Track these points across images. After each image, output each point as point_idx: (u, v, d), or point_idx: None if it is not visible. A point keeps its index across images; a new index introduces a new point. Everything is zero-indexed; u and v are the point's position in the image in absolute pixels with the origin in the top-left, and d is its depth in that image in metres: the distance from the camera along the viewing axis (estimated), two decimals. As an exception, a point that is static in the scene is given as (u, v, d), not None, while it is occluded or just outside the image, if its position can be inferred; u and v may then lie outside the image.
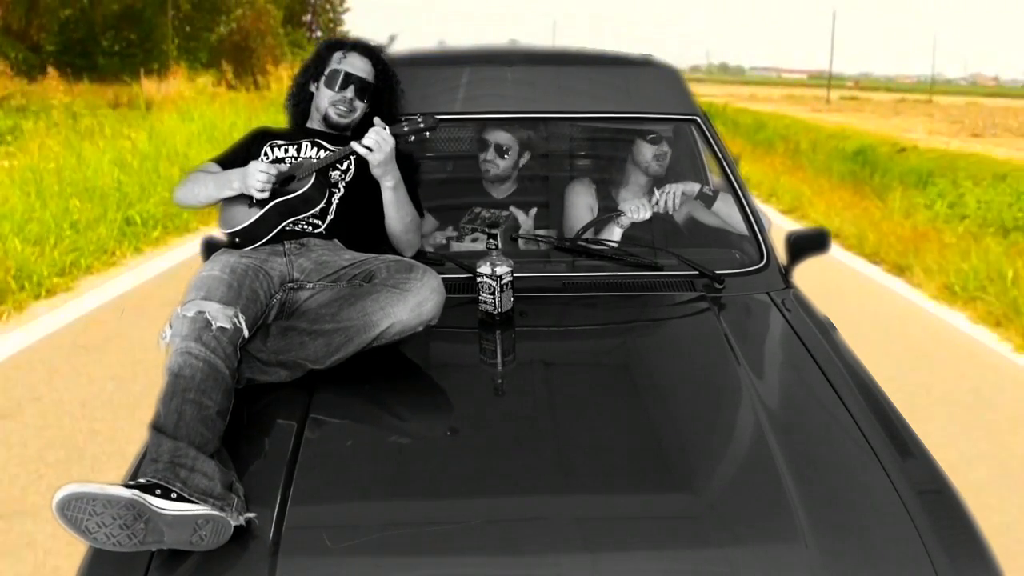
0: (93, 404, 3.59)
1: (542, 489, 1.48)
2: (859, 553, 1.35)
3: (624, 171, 2.69)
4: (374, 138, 2.00)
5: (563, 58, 2.84)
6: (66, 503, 1.31)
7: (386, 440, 1.71)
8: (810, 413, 1.76)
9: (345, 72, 2.21)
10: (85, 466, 3.11)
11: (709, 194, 2.49)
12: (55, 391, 3.75)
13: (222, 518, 1.35)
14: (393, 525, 1.41)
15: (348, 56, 2.24)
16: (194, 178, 2.13)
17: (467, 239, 2.50)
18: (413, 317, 1.81)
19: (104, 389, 3.74)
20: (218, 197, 2.05)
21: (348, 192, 2.12)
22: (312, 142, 2.18)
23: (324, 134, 2.22)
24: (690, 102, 2.60)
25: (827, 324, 2.10)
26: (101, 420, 3.45)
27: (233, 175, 2.04)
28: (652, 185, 2.64)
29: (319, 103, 2.23)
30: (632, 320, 2.19)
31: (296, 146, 2.17)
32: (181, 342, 1.62)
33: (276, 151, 2.17)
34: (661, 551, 1.36)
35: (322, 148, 2.17)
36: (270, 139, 2.21)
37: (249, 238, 2.02)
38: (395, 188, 2.07)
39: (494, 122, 2.57)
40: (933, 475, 1.53)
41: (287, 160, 2.14)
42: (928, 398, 3.91)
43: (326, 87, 2.21)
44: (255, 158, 2.14)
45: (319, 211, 2.06)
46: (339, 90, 2.20)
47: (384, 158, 2.01)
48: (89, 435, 3.34)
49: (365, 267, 1.94)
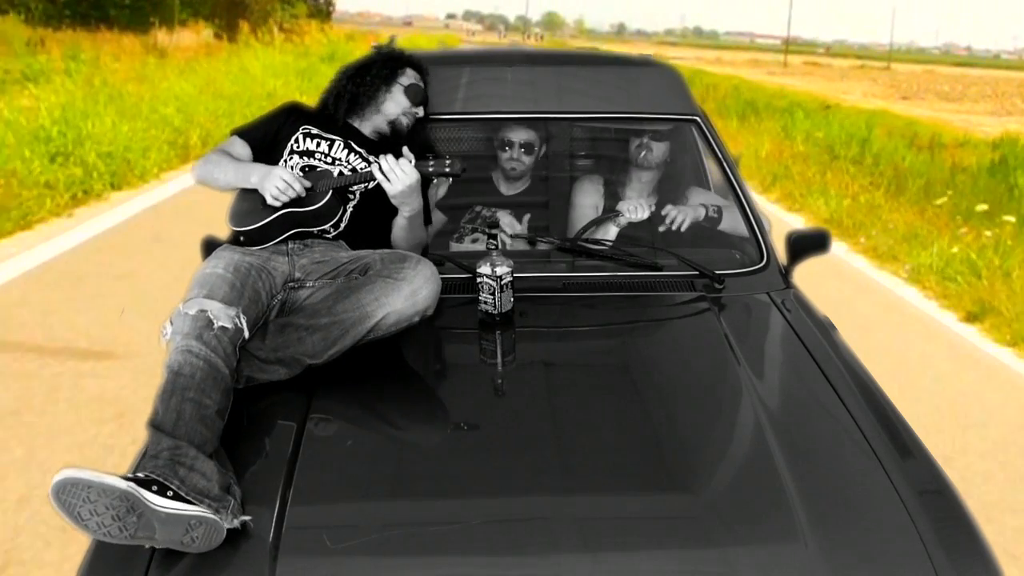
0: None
1: (542, 489, 1.48)
2: (859, 553, 1.35)
3: (627, 171, 2.69)
4: (397, 171, 1.98)
5: (563, 58, 2.85)
6: (62, 487, 1.32)
7: (386, 440, 1.71)
8: (810, 413, 1.76)
9: (424, 91, 2.27)
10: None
11: (714, 216, 2.48)
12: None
13: (215, 521, 1.35)
14: (393, 525, 1.41)
15: (423, 78, 2.31)
16: (216, 159, 2.12)
17: (467, 239, 2.50)
18: (408, 306, 1.81)
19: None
20: (235, 185, 2.06)
21: (363, 202, 2.12)
22: (346, 143, 2.18)
23: (362, 139, 2.22)
24: (690, 102, 2.60)
25: (827, 324, 2.09)
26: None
27: (254, 170, 2.05)
28: (656, 183, 2.64)
29: (389, 108, 2.22)
30: (632, 320, 2.19)
31: (329, 143, 2.17)
32: (182, 340, 1.62)
33: (307, 141, 2.16)
34: (661, 551, 1.36)
35: (353, 151, 2.16)
36: (303, 122, 2.20)
37: (255, 240, 2.01)
38: (411, 218, 2.07)
39: (515, 120, 2.57)
40: (933, 475, 1.53)
41: (316, 155, 2.13)
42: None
43: (406, 97, 2.23)
44: (285, 138, 2.14)
45: (335, 221, 2.07)
46: (415, 105, 2.24)
47: (403, 190, 1.99)
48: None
49: (362, 261, 1.94)
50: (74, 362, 3.91)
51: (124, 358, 3.90)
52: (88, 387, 3.63)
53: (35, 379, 3.70)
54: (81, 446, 3.12)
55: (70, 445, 3.14)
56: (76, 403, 3.48)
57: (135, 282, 5.03)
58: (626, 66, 2.74)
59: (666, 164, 2.65)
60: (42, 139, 7.80)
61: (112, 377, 3.71)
